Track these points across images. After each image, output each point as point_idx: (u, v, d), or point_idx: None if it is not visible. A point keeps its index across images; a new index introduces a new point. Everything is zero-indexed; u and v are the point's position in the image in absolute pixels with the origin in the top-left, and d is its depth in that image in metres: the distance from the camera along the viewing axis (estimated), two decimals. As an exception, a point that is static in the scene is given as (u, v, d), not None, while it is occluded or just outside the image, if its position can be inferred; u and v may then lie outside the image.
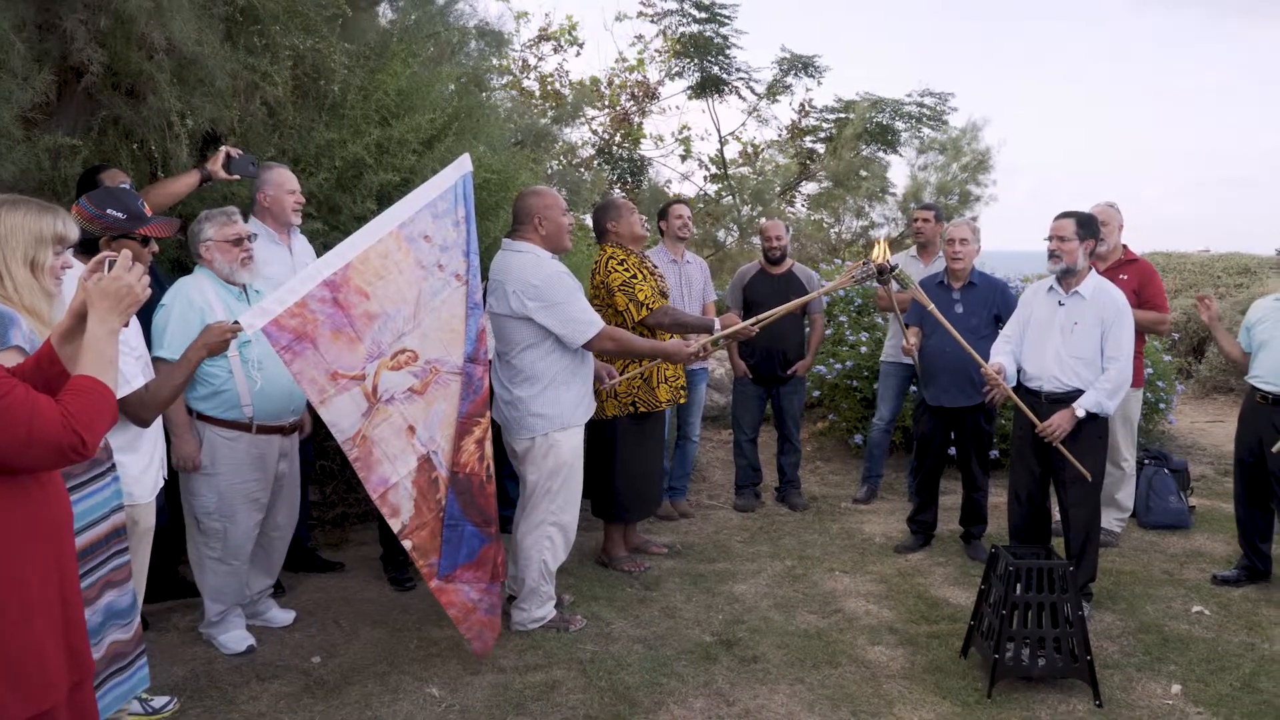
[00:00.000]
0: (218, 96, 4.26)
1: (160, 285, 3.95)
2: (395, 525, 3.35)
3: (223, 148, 4.08)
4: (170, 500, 3.81)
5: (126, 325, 2.14)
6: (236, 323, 3.14)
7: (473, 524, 3.55)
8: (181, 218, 4.09)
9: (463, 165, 3.53)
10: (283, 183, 4.18)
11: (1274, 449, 4.42)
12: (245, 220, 3.82)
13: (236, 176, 4.11)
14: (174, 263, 4.52)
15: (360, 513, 5.46)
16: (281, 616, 4.18)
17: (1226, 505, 5.24)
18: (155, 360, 3.43)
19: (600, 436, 4.71)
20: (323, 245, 4.75)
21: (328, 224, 4.79)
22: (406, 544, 3.39)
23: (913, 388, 5.94)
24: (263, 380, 3.69)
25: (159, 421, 3.24)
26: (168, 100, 4.05)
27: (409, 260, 3.32)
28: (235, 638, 3.88)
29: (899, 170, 30.35)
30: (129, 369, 2.93)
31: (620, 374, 4.58)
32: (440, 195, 3.42)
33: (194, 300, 3.58)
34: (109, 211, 3.02)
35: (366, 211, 4.86)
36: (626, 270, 4.59)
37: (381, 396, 3.28)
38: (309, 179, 4.67)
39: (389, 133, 4.94)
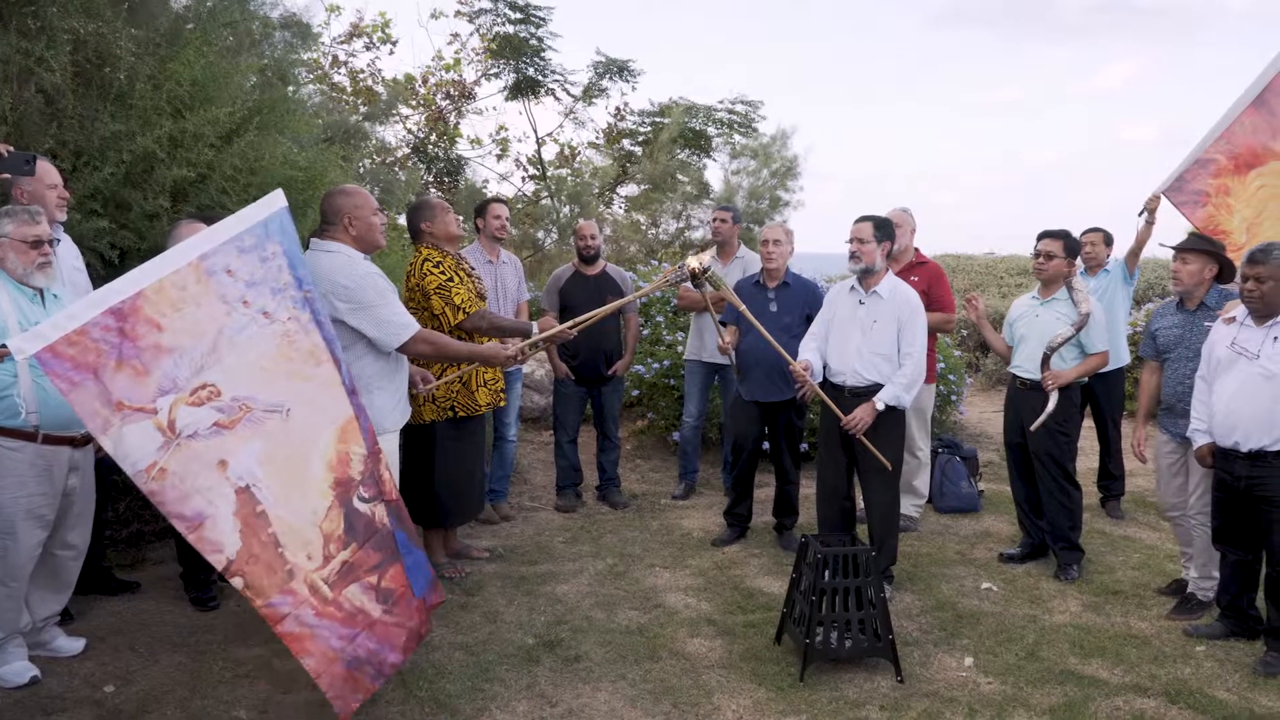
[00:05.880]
0: (-14, 83, 3.91)
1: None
2: (219, 561, 3.01)
3: None
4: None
5: None
6: (3, 346, 2.86)
7: (419, 549, 3.45)
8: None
9: (272, 202, 3.27)
10: (42, 177, 3.80)
11: (1031, 428, 4.84)
12: None
13: (7, 175, 3.73)
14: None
15: (157, 530, 5.12)
16: (69, 645, 3.86)
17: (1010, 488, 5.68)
18: None
19: (418, 441, 4.61)
20: (110, 245, 4.44)
21: (116, 222, 4.47)
22: (237, 581, 3.04)
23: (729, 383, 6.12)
24: (51, 388, 3.40)
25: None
26: (-73, 85, 3.68)
27: (209, 294, 3.07)
28: (16, 669, 3.56)
29: (714, 175, 31.25)
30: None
31: (439, 378, 4.50)
32: (247, 230, 3.16)
33: None
34: None
35: (159, 209, 4.57)
36: (443, 273, 4.51)
37: (182, 432, 2.98)
38: (93, 173, 4.35)
39: (183, 125, 4.66)
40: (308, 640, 3.08)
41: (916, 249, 5.68)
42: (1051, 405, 4.80)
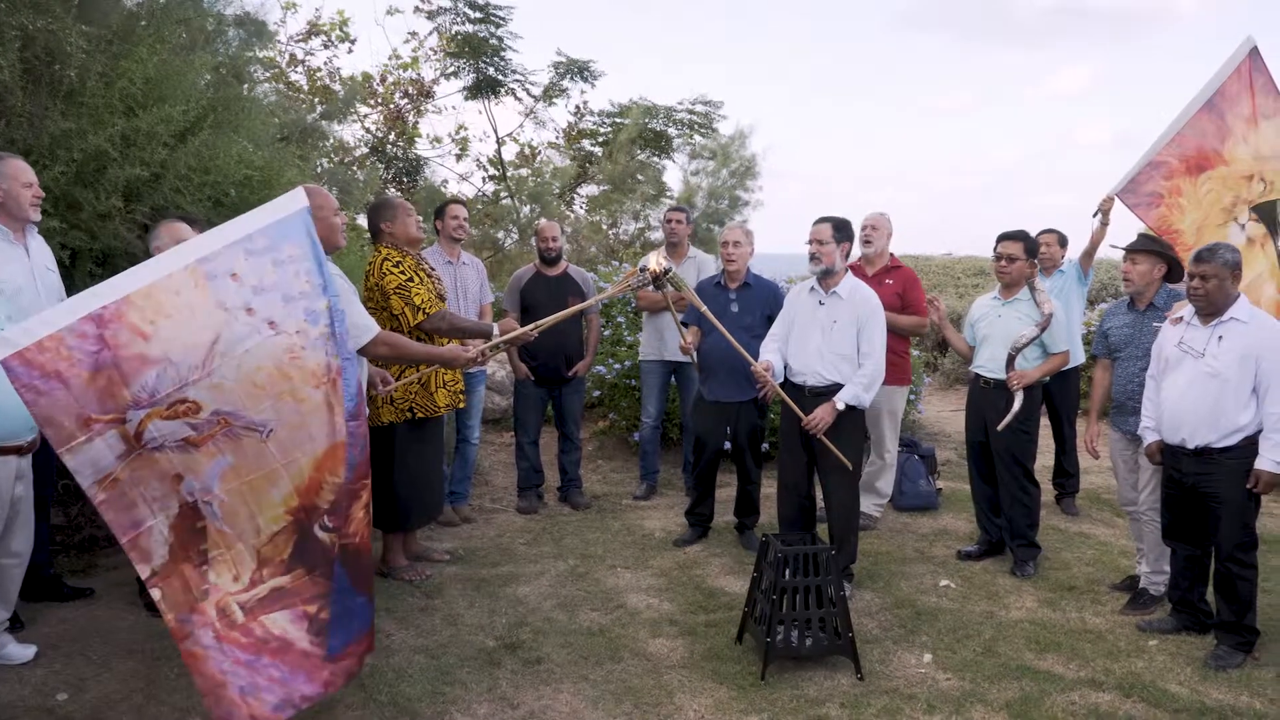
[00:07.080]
0: (-71, 79, 3.82)
1: None
2: (144, 571, 2.94)
3: None
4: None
5: None
6: None
7: (364, 596, 3.27)
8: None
9: (291, 202, 3.11)
10: (17, 175, 3.77)
11: (999, 427, 4.90)
12: None
13: None
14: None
15: (110, 535, 5.03)
16: (20, 652, 3.79)
17: (968, 486, 5.74)
18: None
19: (378, 443, 4.55)
20: (60, 245, 4.35)
21: (67, 222, 4.38)
22: (155, 592, 2.96)
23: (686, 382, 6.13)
24: None
25: None
26: None
27: (206, 301, 2.87)
28: (-36, 680, 3.48)
29: (673, 175, 31.31)
30: None
31: (397, 379, 4.46)
32: (260, 230, 2.99)
33: None
34: None
35: (111, 209, 4.48)
36: (403, 273, 4.48)
37: (148, 443, 2.85)
38: (43, 172, 4.25)
39: (135, 123, 4.58)
40: (200, 661, 2.99)
41: (892, 253, 5.74)
42: (1017, 405, 4.86)
